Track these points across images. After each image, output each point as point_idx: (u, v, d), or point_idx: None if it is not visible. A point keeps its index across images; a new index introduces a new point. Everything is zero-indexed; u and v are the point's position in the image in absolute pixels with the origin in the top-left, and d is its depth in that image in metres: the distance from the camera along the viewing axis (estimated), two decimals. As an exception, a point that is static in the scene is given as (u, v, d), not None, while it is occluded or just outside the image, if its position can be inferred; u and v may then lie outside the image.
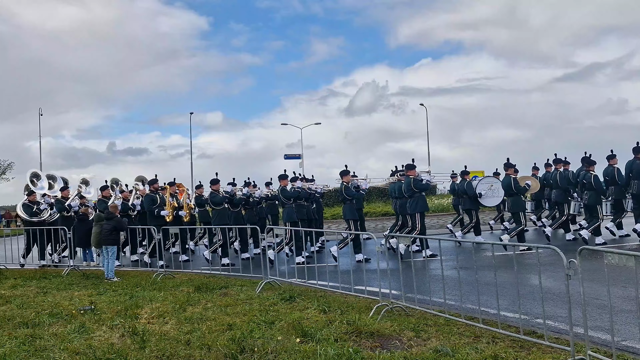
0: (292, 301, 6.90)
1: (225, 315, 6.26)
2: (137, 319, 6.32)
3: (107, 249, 9.97)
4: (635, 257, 3.79)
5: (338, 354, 4.54)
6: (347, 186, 11.19)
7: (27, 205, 12.70)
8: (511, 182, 11.13)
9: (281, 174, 11.91)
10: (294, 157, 46.56)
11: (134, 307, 6.94)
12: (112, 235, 10.06)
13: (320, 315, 6.07)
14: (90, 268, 11.64)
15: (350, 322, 5.54)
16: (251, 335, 5.25)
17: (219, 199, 11.64)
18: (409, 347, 4.78)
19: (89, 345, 5.23)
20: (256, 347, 4.84)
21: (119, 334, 5.66)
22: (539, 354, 4.44)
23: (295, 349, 4.75)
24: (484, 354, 4.47)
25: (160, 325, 6.00)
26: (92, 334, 5.72)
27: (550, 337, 4.64)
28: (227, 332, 5.44)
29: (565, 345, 4.41)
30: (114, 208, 10.63)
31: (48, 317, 6.55)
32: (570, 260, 4.17)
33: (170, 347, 5.01)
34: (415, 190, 11.03)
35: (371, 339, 5.04)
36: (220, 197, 11.66)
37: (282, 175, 11.87)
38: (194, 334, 5.47)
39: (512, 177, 11.21)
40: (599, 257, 7.69)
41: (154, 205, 11.85)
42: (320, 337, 5.07)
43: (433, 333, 5.18)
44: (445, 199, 27.16)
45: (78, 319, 6.38)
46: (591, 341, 4.37)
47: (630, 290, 6.45)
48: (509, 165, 11.36)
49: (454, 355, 4.45)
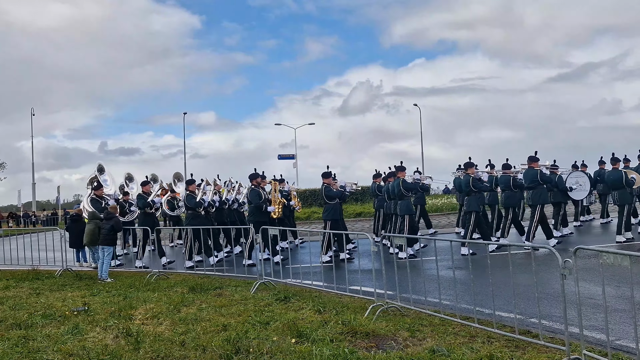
0: (287, 301, 6.88)
1: (220, 316, 6.23)
2: (131, 320, 6.28)
3: (104, 249, 9.92)
4: (630, 256, 3.81)
5: (333, 355, 4.53)
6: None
7: (94, 200, 11.89)
8: (622, 175, 11.38)
9: (400, 165, 11.60)
10: (287, 157, 46.50)
11: (128, 307, 6.90)
12: (109, 236, 10.01)
13: (316, 315, 6.06)
14: (83, 269, 11.58)
15: (345, 322, 5.53)
16: (246, 336, 5.23)
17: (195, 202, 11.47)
18: (404, 347, 4.78)
19: (82, 346, 5.19)
20: (251, 348, 4.82)
21: (113, 335, 5.62)
22: (534, 353, 4.44)
23: (290, 350, 4.73)
24: (480, 353, 4.47)
25: (155, 326, 5.96)
26: (85, 335, 5.68)
27: (545, 337, 4.65)
28: (222, 333, 5.41)
29: (561, 344, 4.42)
30: (114, 208, 10.59)
31: (41, 318, 6.49)
32: (566, 260, 4.18)
33: (165, 348, 4.98)
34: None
35: (367, 339, 5.03)
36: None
37: (400, 167, 11.58)
38: (189, 334, 5.44)
39: (624, 171, 11.55)
40: (594, 256, 7.72)
41: (261, 200, 11.33)
42: (315, 337, 5.06)
43: (428, 333, 5.18)
44: (439, 199, 27.14)
45: (71, 320, 6.33)
46: (586, 340, 4.38)
47: (624, 290, 6.49)
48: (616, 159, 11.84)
49: (450, 355, 4.44)
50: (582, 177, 12.94)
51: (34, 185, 46.21)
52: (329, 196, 11.08)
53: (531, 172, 11.35)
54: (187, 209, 11.60)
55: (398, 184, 11.07)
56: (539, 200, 11.30)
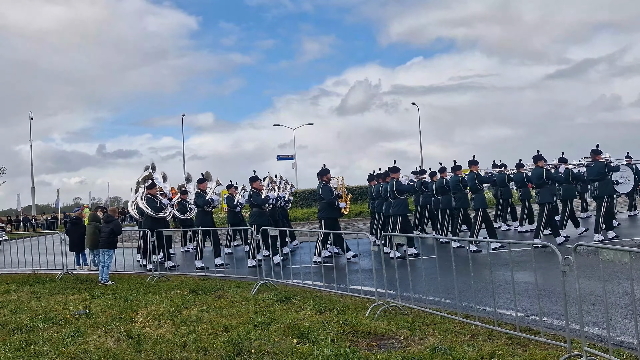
0: (288, 302, 6.89)
1: (221, 317, 6.23)
2: (132, 323, 6.28)
3: (104, 252, 9.92)
4: (630, 252, 3.81)
5: (335, 354, 4.53)
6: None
7: (150, 199, 11.50)
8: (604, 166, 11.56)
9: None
10: (286, 157, 46.52)
11: (129, 310, 6.90)
12: (109, 239, 10.00)
13: (317, 315, 6.06)
14: (84, 272, 11.57)
15: (346, 322, 5.53)
16: (248, 337, 5.23)
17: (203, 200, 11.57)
18: (406, 346, 4.78)
19: (84, 349, 5.19)
20: (253, 349, 4.83)
21: (114, 338, 5.62)
22: (535, 350, 4.45)
23: (292, 350, 4.74)
24: (481, 351, 4.47)
25: (156, 328, 5.96)
26: (87, 338, 5.68)
27: (546, 334, 4.65)
28: (223, 334, 5.42)
29: (562, 341, 4.42)
30: (113, 211, 10.58)
31: (42, 322, 6.49)
32: (566, 256, 4.18)
33: (167, 350, 4.98)
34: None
35: (368, 339, 5.04)
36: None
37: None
38: (190, 336, 5.44)
39: None
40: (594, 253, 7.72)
41: (333, 196, 11.23)
42: (317, 337, 5.06)
43: (430, 332, 5.19)
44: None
45: (72, 324, 6.33)
46: (587, 337, 4.39)
47: (624, 286, 6.50)
48: None
49: (451, 354, 4.45)
50: (627, 171, 13.15)
51: (33, 189, 46.25)
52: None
53: (598, 165, 11.63)
54: (253, 206, 11.49)
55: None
56: (605, 191, 11.53)
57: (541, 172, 11.31)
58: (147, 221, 11.52)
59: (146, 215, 11.53)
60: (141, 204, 11.55)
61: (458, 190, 11.53)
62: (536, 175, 11.42)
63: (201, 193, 11.70)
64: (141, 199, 11.66)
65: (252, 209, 11.54)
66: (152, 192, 11.60)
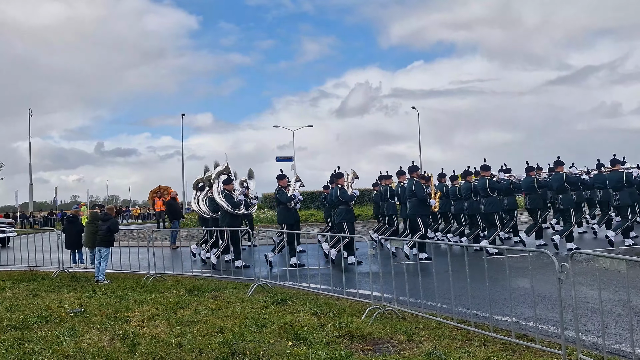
0: (283, 304, 6.88)
1: (217, 318, 6.22)
2: (127, 322, 6.26)
3: (100, 251, 9.91)
4: (626, 261, 3.82)
5: (330, 357, 4.52)
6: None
7: (228, 195, 11.29)
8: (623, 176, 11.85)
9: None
10: (286, 159, 46.48)
11: (124, 309, 6.89)
12: (106, 237, 9.99)
13: (312, 318, 6.05)
14: (80, 270, 11.55)
15: (342, 325, 5.53)
16: (243, 339, 5.22)
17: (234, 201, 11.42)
18: (401, 351, 4.77)
19: (78, 348, 5.17)
20: (248, 351, 4.82)
21: (109, 337, 5.60)
22: (530, 357, 4.44)
23: (287, 352, 4.73)
24: (476, 357, 4.47)
25: (151, 328, 5.95)
26: (81, 336, 5.66)
27: (541, 341, 4.65)
28: (218, 335, 5.40)
29: (557, 348, 4.42)
30: (111, 210, 10.57)
31: (37, 319, 6.47)
32: (562, 264, 4.19)
33: (161, 350, 4.97)
34: None
35: (363, 342, 5.03)
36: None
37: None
38: (185, 337, 5.43)
39: None
40: (591, 260, 7.72)
41: (424, 194, 11.21)
42: (312, 340, 5.05)
43: (425, 336, 5.18)
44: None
45: (67, 322, 6.31)
46: (582, 344, 4.39)
47: (620, 294, 6.50)
48: None
49: (446, 359, 4.44)
50: None
51: (31, 186, 46.23)
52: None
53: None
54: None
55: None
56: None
57: (621, 175, 11.80)
58: (225, 217, 11.30)
59: (223, 211, 11.31)
60: (219, 200, 11.31)
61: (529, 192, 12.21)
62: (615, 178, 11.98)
63: (282, 190, 11.41)
64: (218, 194, 11.39)
65: (338, 206, 11.33)
66: (228, 188, 11.39)
